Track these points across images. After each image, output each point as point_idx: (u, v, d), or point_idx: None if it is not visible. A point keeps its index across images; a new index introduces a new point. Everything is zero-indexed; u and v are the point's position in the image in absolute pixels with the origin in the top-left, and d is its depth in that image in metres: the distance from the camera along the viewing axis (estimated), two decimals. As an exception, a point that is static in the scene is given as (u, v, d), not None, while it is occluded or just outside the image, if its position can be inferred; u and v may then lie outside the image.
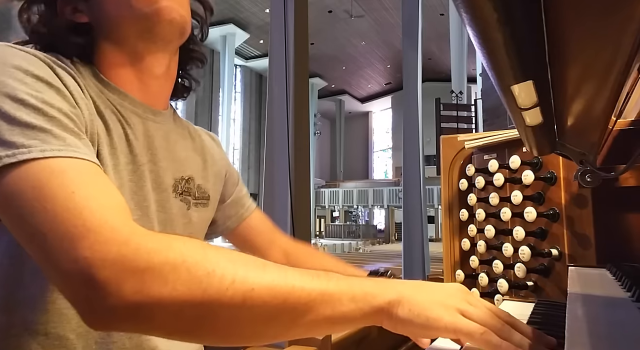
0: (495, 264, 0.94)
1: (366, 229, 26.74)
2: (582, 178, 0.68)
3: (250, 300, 0.42)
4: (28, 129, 0.48)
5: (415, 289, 0.48)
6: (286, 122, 3.34)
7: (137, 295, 0.40)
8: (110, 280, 0.40)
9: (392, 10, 19.07)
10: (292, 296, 0.43)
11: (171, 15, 0.65)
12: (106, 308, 0.40)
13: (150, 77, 0.70)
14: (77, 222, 0.42)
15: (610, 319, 0.39)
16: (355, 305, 0.45)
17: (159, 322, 0.42)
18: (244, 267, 0.44)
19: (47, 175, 0.45)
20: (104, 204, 0.45)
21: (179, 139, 0.76)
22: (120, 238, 0.42)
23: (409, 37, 5.48)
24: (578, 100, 0.47)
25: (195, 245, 0.45)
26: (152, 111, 0.70)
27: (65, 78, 0.56)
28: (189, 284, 0.41)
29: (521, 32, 0.32)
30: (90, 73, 0.65)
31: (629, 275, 0.54)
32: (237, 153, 23.07)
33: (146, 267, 0.41)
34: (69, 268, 0.41)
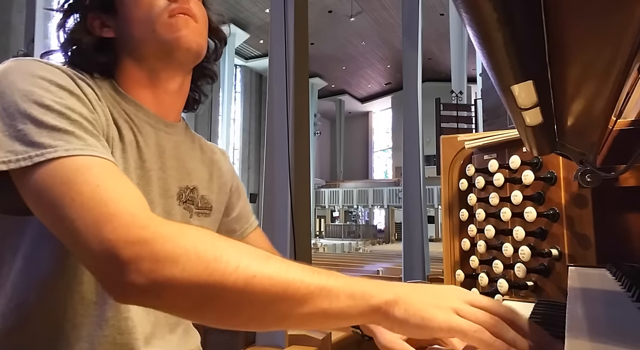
0: (495, 264, 0.94)
1: (366, 229, 26.74)
2: (582, 178, 0.68)
3: (251, 286, 0.46)
4: (54, 131, 0.54)
5: (412, 290, 0.50)
6: (286, 122, 3.34)
7: (151, 274, 0.45)
8: (130, 259, 0.46)
9: (392, 10, 19.07)
10: (292, 287, 0.46)
11: (189, 44, 0.71)
12: (125, 283, 0.46)
13: (165, 92, 0.76)
14: (102, 209, 0.48)
15: (610, 318, 0.39)
16: (352, 302, 0.48)
17: (169, 299, 0.47)
18: (249, 257, 0.48)
19: (73, 171, 0.51)
20: (124, 195, 0.51)
21: (188, 150, 0.81)
22: (140, 223, 0.48)
23: (409, 37, 5.48)
24: (578, 100, 0.47)
25: (206, 234, 0.50)
26: (164, 123, 0.76)
27: (84, 88, 0.62)
28: (197, 267, 0.46)
29: (521, 32, 0.32)
30: (108, 86, 0.71)
31: (629, 275, 0.54)
32: (237, 153, 23.07)
33: (161, 249, 0.46)
34: (95, 248, 0.47)
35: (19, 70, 0.58)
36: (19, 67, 0.58)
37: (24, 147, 0.52)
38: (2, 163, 0.52)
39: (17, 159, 0.52)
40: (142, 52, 0.72)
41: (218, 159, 0.89)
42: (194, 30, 0.72)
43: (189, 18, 0.71)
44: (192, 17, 0.72)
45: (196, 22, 0.73)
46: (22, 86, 0.56)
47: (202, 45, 0.74)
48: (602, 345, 0.30)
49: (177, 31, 0.70)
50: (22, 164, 0.52)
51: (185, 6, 0.71)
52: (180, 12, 0.71)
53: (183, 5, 0.71)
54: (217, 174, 0.87)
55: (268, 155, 3.51)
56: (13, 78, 0.57)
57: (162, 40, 0.70)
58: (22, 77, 0.57)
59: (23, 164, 0.52)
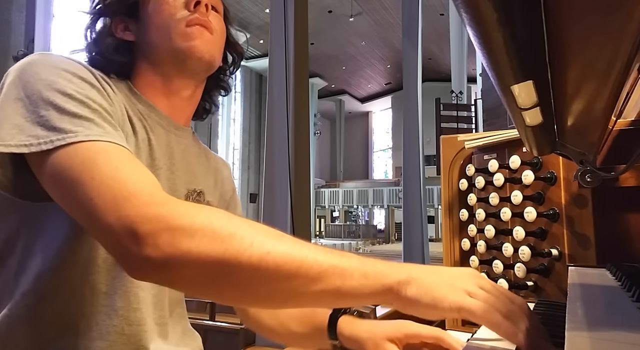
0: (495, 264, 0.94)
1: (366, 229, 26.73)
2: (582, 178, 0.68)
3: (265, 262, 0.47)
4: (75, 117, 0.56)
5: (425, 271, 0.50)
6: (286, 122, 3.34)
7: (168, 248, 0.46)
8: (147, 234, 0.47)
9: (392, 10, 19.07)
10: (305, 264, 0.47)
11: (201, 54, 0.74)
12: (143, 257, 0.47)
13: (177, 97, 0.78)
14: (121, 187, 0.50)
15: (610, 318, 0.39)
16: (365, 281, 0.48)
17: (185, 274, 0.48)
18: (263, 235, 0.49)
19: (93, 153, 0.53)
20: (142, 176, 0.53)
21: (195, 155, 0.84)
22: (157, 201, 0.49)
23: (409, 37, 5.48)
24: (578, 100, 0.47)
25: (221, 212, 0.51)
26: (175, 126, 0.78)
27: (103, 84, 0.65)
28: (213, 242, 0.47)
29: (521, 32, 0.32)
30: (124, 87, 0.74)
31: (629, 275, 0.54)
32: (237, 153, 23.06)
33: (178, 224, 0.47)
34: (114, 224, 0.48)
35: (44, 63, 0.60)
36: (44, 59, 0.61)
37: (46, 131, 0.54)
38: (24, 146, 0.54)
39: (38, 143, 0.54)
40: (158, 57, 0.75)
41: (221, 168, 0.92)
42: (208, 41, 0.75)
43: (204, 29, 0.74)
44: (208, 28, 0.75)
45: (211, 33, 0.75)
46: (45, 76, 0.58)
47: (214, 56, 0.77)
48: (602, 345, 0.30)
49: (191, 40, 0.73)
50: (44, 147, 0.53)
51: (203, 18, 0.74)
52: (197, 23, 0.73)
53: (201, 17, 0.74)
54: (220, 182, 0.89)
55: (268, 155, 3.51)
56: (38, 69, 0.59)
57: (176, 48, 0.73)
58: (47, 68, 0.59)
59: (44, 147, 0.53)
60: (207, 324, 3.13)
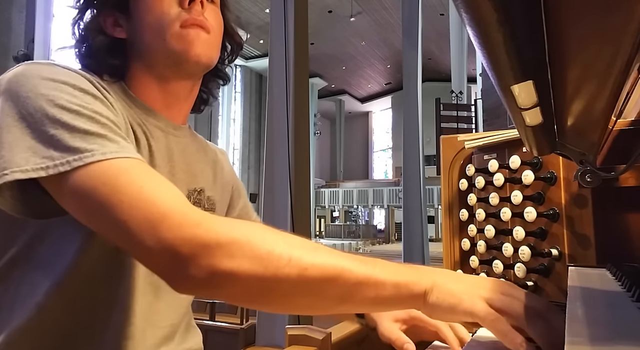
0: (495, 264, 0.94)
1: (366, 229, 26.73)
2: (582, 178, 0.68)
3: (304, 278, 0.48)
4: (87, 135, 0.54)
5: (448, 277, 0.53)
6: (286, 122, 3.34)
7: (210, 268, 0.48)
8: (189, 256, 0.48)
9: (392, 10, 19.06)
10: (342, 277, 0.49)
11: (199, 58, 0.70)
12: (186, 277, 0.48)
13: (174, 97, 0.76)
14: (152, 209, 0.50)
15: (610, 319, 0.39)
16: (397, 291, 0.50)
17: (228, 291, 0.50)
18: (300, 249, 0.50)
19: (114, 173, 0.52)
20: (169, 193, 0.52)
21: (194, 152, 0.82)
22: (192, 221, 0.49)
23: (409, 37, 5.48)
24: (578, 100, 0.47)
25: (257, 228, 0.52)
26: (173, 126, 0.76)
27: (102, 91, 0.63)
28: (252, 261, 0.48)
29: (521, 32, 0.32)
30: (119, 89, 0.71)
31: (629, 275, 0.54)
32: (237, 153, 23.07)
33: (216, 245, 0.48)
34: (154, 247, 0.48)
35: (39, 75, 0.57)
36: (38, 71, 0.58)
37: (60, 152, 0.52)
38: (41, 169, 0.52)
39: (54, 164, 0.52)
40: (152, 58, 0.71)
41: (220, 159, 0.90)
42: (205, 43, 0.71)
43: (200, 30, 0.70)
44: (205, 28, 0.70)
45: (208, 33, 0.71)
46: (45, 91, 0.56)
47: (212, 58, 0.74)
48: (602, 345, 0.30)
49: (188, 44, 0.69)
50: (61, 169, 0.52)
51: (198, 18, 0.70)
52: (192, 23, 0.69)
53: (196, 16, 0.70)
54: (220, 174, 0.88)
55: (268, 155, 3.51)
56: (35, 83, 0.56)
57: (172, 51, 0.69)
58: (44, 82, 0.57)
59: (62, 169, 0.52)
60: (207, 324, 3.13)
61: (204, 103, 0.87)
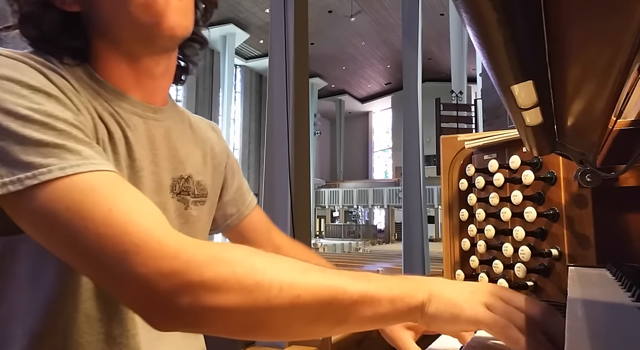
0: (495, 264, 0.94)
1: (366, 229, 26.74)
2: (582, 178, 0.68)
3: (297, 306, 0.45)
4: (41, 146, 0.46)
5: (445, 286, 0.50)
6: (286, 122, 3.33)
7: (193, 306, 0.43)
8: (168, 292, 0.43)
9: (392, 10, 19.07)
10: (336, 300, 0.46)
11: (172, 31, 0.60)
12: (168, 316, 0.44)
13: (149, 76, 0.66)
14: (124, 239, 0.44)
15: (610, 319, 0.39)
16: (393, 306, 0.48)
17: (215, 327, 0.46)
18: (290, 274, 0.46)
19: (78, 194, 0.45)
20: (142, 215, 0.46)
21: (179, 134, 0.73)
22: (170, 252, 0.44)
23: (409, 37, 5.47)
24: (578, 100, 0.47)
25: (243, 255, 0.47)
26: (152, 109, 0.67)
27: (58, 82, 0.53)
28: (240, 294, 0.43)
29: (521, 32, 0.32)
30: (84, 73, 0.61)
31: (629, 275, 0.54)
32: (237, 153, 23.08)
33: (199, 280, 0.43)
34: (128, 283, 0.43)
35: None
36: None
37: (9, 169, 0.45)
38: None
39: (3, 183, 0.44)
40: (117, 34, 0.61)
41: (210, 137, 0.82)
42: (176, 11, 0.60)
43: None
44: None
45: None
46: None
47: (188, 27, 0.63)
48: (602, 345, 0.30)
49: (157, 15, 0.58)
50: (11, 189, 0.44)
51: None
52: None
53: None
54: (210, 154, 0.80)
55: (268, 155, 3.51)
56: None
57: (139, 25, 0.59)
58: None
59: (12, 189, 0.44)
60: (207, 324, 3.13)
61: (184, 72, 0.77)
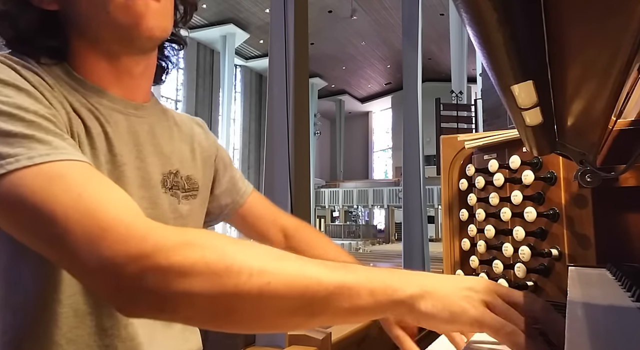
0: (495, 264, 0.94)
1: (366, 229, 26.73)
2: (582, 178, 0.68)
3: (267, 293, 0.43)
4: (9, 137, 0.47)
5: (438, 281, 0.47)
6: (286, 122, 3.33)
7: (160, 290, 0.42)
8: (135, 276, 0.42)
9: (392, 10, 19.07)
10: (310, 290, 0.44)
11: (151, 32, 0.61)
12: (132, 301, 0.43)
13: (128, 75, 0.67)
14: (92, 222, 0.43)
15: (610, 319, 0.39)
16: (373, 299, 0.45)
17: (184, 314, 0.44)
18: (262, 261, 0.44)
19: (46, 180, 0.45)
20: (112, 201, 0.46)
21: (164, 131, 0.73)
22: (137, 235, 0.43)
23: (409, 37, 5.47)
24: (578, 100, 0.47)
25: (213, 240, 0.45)
26: (133, 106, 0.68)
27: (31, 78, 0.54)
28: (208, 279, 0.42)
29: (521, 32, 0.32)
30: (62, 71, 0.61)
31: (629, 275, 0.54)
32: (237, 153, 23.07)
33: (166, 263, 0.42)
34: (94, 267, 0.43)
35: None
36: None
37: None
38: None
39: None
40: (96, 33, 0.61)
41: (196, 132, 0.82)
42: (156, 13, 0.61)
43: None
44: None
45: (158, 0, 0.61)
46: None
47: (167, 29, 0.64)
48: (602, 345, 0.30)
49: (136, 16, 0.59)
50: None
51: None
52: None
53: None
54: (198, 149, 0.80)
55: (268, 155, 3.51)
56: None
57: (118, 25, 0.59)
58: None
59: None
60: (207, 324, 3.13)
61: (164, 72, 0.78)
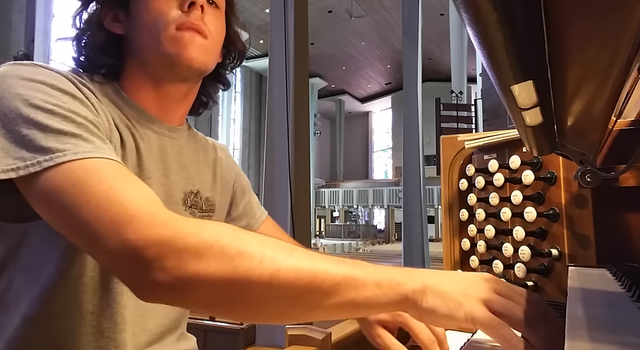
0: (495, 264, 0.94)
1: (366, 229, 26.73)
2: (582, 178, 0.68)
3: (277, 279, 0.45)
4: (60, 135, 0.53)
5: (440, 278, 0.49)
6: (286, 122, 3.34)
7: (176, 271, 0.45)
8: (154, 258, 0.45)
9: (392, 10, 19.06)
10: (317, 278, 0.46)
11: (191, 62, 0.68)
12: (151, 282, 0.46)
13: (168, 99, 0.74)
14: (119, 209, 0.48)
15: (610, 318, 0.39)
16: (380, 291, 0.47)
17: (196, 295, 0.47)
18: (273, 249, 0.47)
19: (84, 173, 0.50)
20: (139, 194, 0.50)
21: (191, 153, 0.80)
22: (159, 221, 0.47)
23: (409, 37, 5.48)
24: (578, 100, 0.47)
25: (227, 228, 0.49)
26: (167, 128, 0.75)
27: (85, 92, 0.62)
28: (221, 262, 0.45)
29: (521, 32, 0.32)
30: (111, 89, 0.70)
31: (629, 275, 0.54)
32: (237, 153, 23.08)
33: (183, 246, 0.46)
34: (118, 250, 0.46)
35: (17, 75, 0.57)
36: (17, 71, 0.57)
37: (32, 153, 0.51)
38: (12, 170, 0.51)
39: (25, 165, 0.51)
40: (147, 58, 0.70)
41: (219, 157, 0.89)
42: (200, 48, 0.69)
43: (196, 34, 0.68)
44: (201, 33, 0.69)
45: (205, 38, 0.70)
46: (22, 91, 0.55)
47: (207, 63, 0.72)
48: (602, 345, 0.30)
49: (181, 47, 0.67)
50: (32, 170, 0.50)
51: (196, 22, 0.68)
52: (189, 26, 0.68)
53: (194, 20, 0.68)
54: (219, 172, 0.86)
55: (268, 155, 3.51)
56: (12, 82, 0.55)
57: (164, 53, 0.68)
58: (21, 82, 0.56)
59: (32, 170, 0.50)
60: (207, 324, 3.13)
61: (203, 106, 0.86)
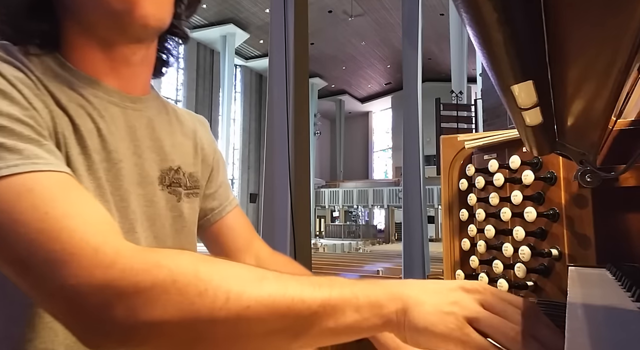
0: (495, 264, 0.94)
1: (366, 229, 26.74)
2: (582, 178, 0.68)
3: (245, 318, 0.40)
4: None
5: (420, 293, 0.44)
6: (286, 122, 3.34)
7: (128, 320, 0.39)
8: (99, 307, 0.39)
9: (392, 10, 19.07)
10: (292, 310, 0.41)
11: (145, 20, 0.57)
12: (99, 333, 0.39)
13: (125, 65, 0.63)
14: (56, 246, 0.40)
15: (610, 319, 0.39)
16: (360, 315, 0.43)
17: (154, 344, 0.40)
18: (239, 283, 0.41)
19: (13, 196, 0.41)
20: (82, 221, 0.42)
21: (164, 125, 0.70)
22: (104, 260, 0.40)
23: (409, 37, 5.48)
24: (578, 100, 0.47)
25: (186, 261, 0.42)
26: (130, 98, 0.64)
27: (10, 76, 0.49)
28: (180, 306, 0.39)
29: (521, 32, 0.32)
30: (53, 62, 0.57)
31: (629, 275, 0.54)
32: (237, 153, 23.09)
33: (134, 290, 0.39)
34: (57, 296, 0.39)
35: None
36: None
37: None
38: None
39: None
40: (89, 19, 0.57)
41: (198, 128, 0.79)
42: (151, 1, 0.57)
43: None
44: None
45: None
46: None
47: (163, 19, 0.60)
48: (602, 345, 0.30)
49: (130, 3, 0.55)
50: None
51: None
52: None
53: None
54: (200, 145, 0.77)
55: (268, 155, 3.52)
56: None
57: (112, 11, 0.55)
58: None
59: None
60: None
61: (165, 65, 0.74)
